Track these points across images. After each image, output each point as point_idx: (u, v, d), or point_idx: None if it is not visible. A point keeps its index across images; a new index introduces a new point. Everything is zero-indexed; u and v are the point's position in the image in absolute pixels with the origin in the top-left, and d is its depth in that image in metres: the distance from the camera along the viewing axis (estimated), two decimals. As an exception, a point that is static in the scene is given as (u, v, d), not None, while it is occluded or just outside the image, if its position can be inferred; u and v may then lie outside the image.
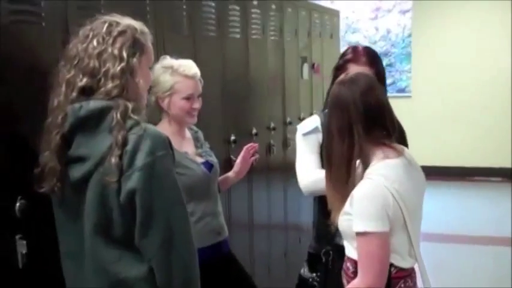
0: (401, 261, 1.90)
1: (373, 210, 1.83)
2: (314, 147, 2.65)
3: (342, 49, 7.81)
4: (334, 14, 5.96)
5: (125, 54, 1.81)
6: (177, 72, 2.61)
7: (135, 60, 1.83)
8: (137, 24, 1.91)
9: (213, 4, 3.37)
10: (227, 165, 3.49)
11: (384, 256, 1.84)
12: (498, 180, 8.06)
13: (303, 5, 4.96)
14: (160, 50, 2.80)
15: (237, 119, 3.70)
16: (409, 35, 9.12)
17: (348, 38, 9.14)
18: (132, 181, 1.73)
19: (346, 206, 1.92)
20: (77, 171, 1.79)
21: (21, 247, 1.93)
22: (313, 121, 2.69)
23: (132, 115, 1.78)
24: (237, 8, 3.67)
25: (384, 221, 1.83)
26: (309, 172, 2.60)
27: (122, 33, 1.84)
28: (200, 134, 2.84)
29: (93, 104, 1.77)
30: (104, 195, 1.76)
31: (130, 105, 1.79)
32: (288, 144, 4.48)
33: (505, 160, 8.09)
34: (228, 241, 2.81)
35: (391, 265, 1.88)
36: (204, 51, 3.22)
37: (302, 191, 2.66)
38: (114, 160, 1.72)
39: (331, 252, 2.54)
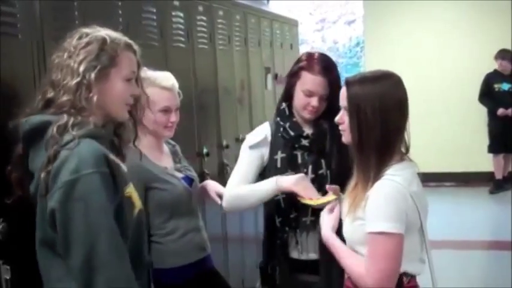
0: (410, 267, 1.86)
1: (392, 211, 1.79)
2: (254, 161, 2.54)
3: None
4: (293, 23, 5.97)
5: (81, 68, 1.76)
6: (154, 84, 2.52)
7: (92, 75, 1.76)
8: (111, 35, 1.83)
9: (182, 14, 3.30)
10: (201, 178, 3.42)
11: (397, 259, 1.79)
12: (452, 184, 8.20)
13: (264, 15, 4.94)
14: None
15: (209, 131, 3.63)
16: (356, 45, 9.24)
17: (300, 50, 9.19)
18: (53, 200, 1.65)
19: (359, 211, 1.87)
20: (31, 186, 1.75)
21: (5, 272, 1.83)
22: (262, 131, 2.59)
23: (71, 130, 1.71)
24: (204, 18, 3.61)
25: (402, 223, 1.79)
26: (234, 186, 2.53)
27: (87, 45, 1.79)
28: (178, 148, 2.76)
29: (36, 118, 1.74)
30: (43, 211, 1.70)
31: (71, 120, 1.73)
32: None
33: (456, 164, 8.25)
34: (211, 256, 2.73)
35: (404, 274, 1.84)
36: (174, 62, 3.15)
37: (223, 205, 2.58)
38: (43, 176, 1.67)
39: (277, 267, 2.51)
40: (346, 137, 1.97)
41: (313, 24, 9.49)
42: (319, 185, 2.39)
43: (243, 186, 2.50)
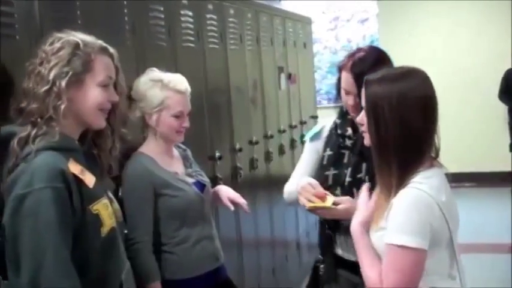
0: (440, 283, 1.72)
1: (415, 223, 1.65)
2: (311, 155, 2.50)
3: (316, 58, 7.68)
4: (307, 22, 5.83)
5: (51, 75, 1.70)
6: (168, 87, 2.40)
7: (63, 82, 1.69)
8: (84, 39, 1.76)
9: (191, 13, 3.18)
10: (213, 184, 3.29)
11: (415, 274, 1.65)
12: (472, 185, 8.00)
13: (277, 13, 4.81)
14: (140, 63, 2.59)
15: (221, 134, 3.51)
16: (370, 43, 9.08)
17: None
18: (5, 214, 1.61)
19: (381, 221, 1.73)
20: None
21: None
22: (322, 124, 2.54)
23: (32, 142, 1.66)
24: (215, 17, 3.49)
25: (425, 237, 1.65)
26: (291, 181, 2.50)
27: (58, 50, 1.72)
28: (189, 153, 2.63)
29: (4, 130, 1.71)
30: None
31: (33, 131, 1.68)
32: (270, 158, 4.30)
33: (476, 164, 8.05)
34: (224, 266, 2.60)
35: None
36: (184, 62, 3.03)
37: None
38: (1, 189, 1.64)
39: (321, 264, 2.46)
40: (366, 140, 1.84)
41: (326, 22, 9.33)
42: (358, 190, 2.24)
43: (296, 182, 2.42)
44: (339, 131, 2.42)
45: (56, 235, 1.59)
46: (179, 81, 2.43)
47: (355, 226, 1.85)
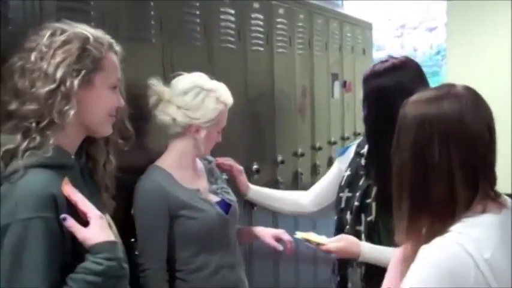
0: None
1: (430, 281, 1.28)
2: (332, 174, 2.36)
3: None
4: (367, 26, 5.46)
5: (59, 73, 1.41)
6: (221, 100, 2.14)
7: (75, 81, 1.42)
8: (92, 32, 1.49)
9: (233, 12, 2.88)
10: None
11: None
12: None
13: (334, 16, 4.47)
14: (168, 66, 2.31)
15: (260, 144, 3.21)
16: (437, 53, 8.64)
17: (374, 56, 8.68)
18: None
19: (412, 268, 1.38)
20: None
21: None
22: (353, 143, 2.34)
23: (20, 156, 1.37)
24: (261, 16, 3.18)
25: None
26: (304, 194, 2.46)
27: (64, 44, 1.44)
28: (214, 165, 2.33)
29: None
30: None
31: (24, 143, 1.38)
32: (317, 171, 3.95)
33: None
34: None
35: None
36: (221, 65, 2.73)
37: None
38: None
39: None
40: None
41: (391, 29, 8.94)
42: (366, 216, 2.06)
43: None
44: (357, 149, 2.21)
45: (42, 281, 1.30)
46: (228, 94, 2.18)
47: None
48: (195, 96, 2.12)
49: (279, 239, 2.28)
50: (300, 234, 2.09)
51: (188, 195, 2.12)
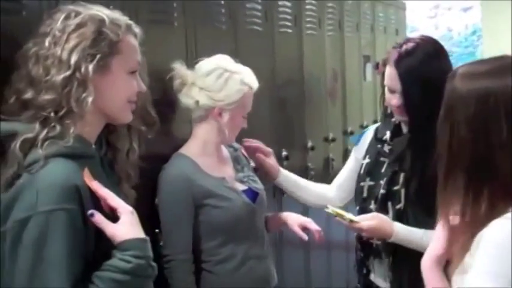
0: None
1: (506, 264, 1.21)
2: (350, 162, 2.28)
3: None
4: (400, 6, 5.31)
5: (74, 59, 1.33)
6: (245, 82, 2.05)
7: (90, 67, 1.34)
8: (108, 14, 1.41)
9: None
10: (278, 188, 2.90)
11: None
12: None
13: (365, -4, 4.33)
14: (191, 48, 2.23)
15: (289, 130, 3.12)
16: (473, 33, 8.39)
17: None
18: (3, 244, 1.26)
19: (467, 257, 1.29)
20: None
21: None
22: (367, 129, 2.26)
23: (40, 146, 1.30)
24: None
25: None
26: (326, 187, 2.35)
27: (78, 27, 1.36)
28: (241, 153, 2.25)
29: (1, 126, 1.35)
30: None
31: (43, 132, 1.31)
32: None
33: None
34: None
35: None
36: (248, 49, 2.64)
37: None
38: None
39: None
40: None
41: (426, 10, 8.72)
42: (393, 204, 1.99)
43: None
44: (378, 135, 2.10)
45: (63, 278, 1.23)
46: (253, 78, 2.10)
47: (425, 263, 1.43)
48: (218, 78, 2.04)
49: (305, 228, 2.18)
50: (331, 208, 2.00)
51: (213, 184, 2.04)
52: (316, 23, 3.42)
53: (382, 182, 2.03)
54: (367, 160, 2.12)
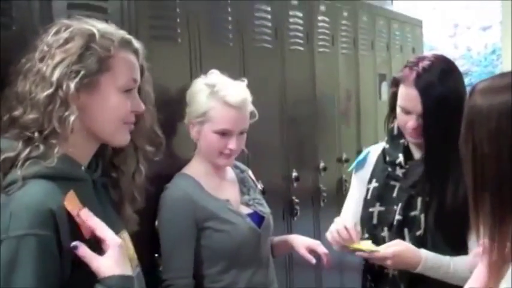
0: None
1: None
2: (357, 189, 2.07)
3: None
4: (417, 24, 5.22)
5: (55, 75, 1.26)
6: (217, 95, 1.94)
7: (72, 84, 1.26)
8: (101, 28, 1.33)
9: (269, 9, 2.71)
10: (288, 208, 2.81)
11: None
12: None
13: (380, 13, 4.26)
14: (196, 66, 2.15)
15: (300, 150, 3.02)
16: (492, 52, 8.26)
17: (425, 57, 8.37)
18: None
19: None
20: None
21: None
22: (367, 150, 2.11)
23: (20, 167, 1.23)
24: (300, 14, 2.99)
25: None
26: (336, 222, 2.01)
27: (66, 42, 1.29)
28: (248, 175, 2.15)
29: None
30: None
31: (25, 151, 1.24)
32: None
33: None
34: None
35: None
36: (256, 66, 2.56)
37: None
38: None
39: None
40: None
41: (445, 29, 8.61)
42: (409, 231, 1.86)
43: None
44: (388, 158, 1.96)
45: None
46: (234, 91, 1.95)
47: None
48: (193, 91, 1.98)
49: (313, 251, 2.07)
50: (350, 246, 1.86)
51: (217, 206, 1.95)
52: (329, 41, 3.33)
53: (397, 208, 1.90)
54: (374, 184, 1.98)
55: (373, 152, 2.05)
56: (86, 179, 1.34)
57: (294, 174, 2.85)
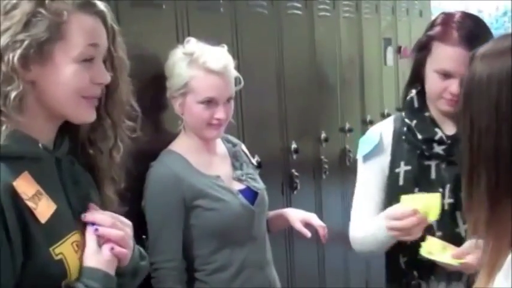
0: None
1: None
2: (374, 177, 1.81)
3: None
4: (424, -15, 5.02)
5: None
6: (197, 63, 1.82)
7: (15, 57, 1.13)
8: None
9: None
10: (287, 182, 2.69)
11: None
12: None
13: (384, -26, 4.07)
14: (182, 35, 2.02)
15: (300, 120, 2.89)
16: (504, 14, 8.06)
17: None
18: None
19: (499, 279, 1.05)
20: None
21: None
22: (376, 132, 1.84)
23: None
24: (298, -25, 2.85)
25: None
26: (359, 221, 1.81)
27: (12, 8, 1.15)
28: (240, 149, 2.03)
29: None
30: None
31: None
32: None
33: None
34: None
35: None
36: (250, 34, 2.43)
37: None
38: None
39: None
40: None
41: (455, -9, 8.40)
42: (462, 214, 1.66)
43: (361, 226, 1.79)
44: (421, 135, 1.75)
45: None
46: (214, 57, 1.83)
47: None
48: (170, 63, 1.87)
49: (309, 224, 1.96)
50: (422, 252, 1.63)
51: (206, 183, 1.83)
52: (330, 4, 3.19)
53: (444, 190, 1.69)
54: (405, 168, 1.76)
55: (385, 131, 1.82)
56: (44, 157, 1.21)
57: (293, 146, 2.73)
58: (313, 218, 1.97)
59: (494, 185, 1.06)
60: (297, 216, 2.00)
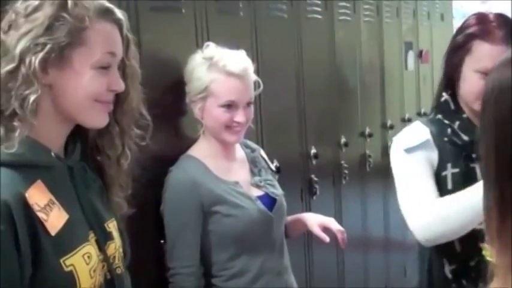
0: None
1: None
2: (426, 167, 1.71)
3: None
4: (446, -10, 4.97)
5: (18, 48, 1.11)
6: (217, 67, 1.81)
7: (36, 60, 1.11)
8: None
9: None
10: (306, 187, 2.67)
11: None
12: None
13: (406, -22, 4.03)
14: (202, 40, 2.01)
15: (319, 125, 2.86)
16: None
17: (455, 24, 8.07)
18: None
19: None
20: None
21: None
22: (420, 132, 1.75)
23: None
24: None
25: None
26: (427, 203, 1.66)
27: (34, 11, 1.14)
28: (259, 154, 2.01)
29: None
30: None
31: None
32: (389, 153, 3.57)
33: None
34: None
35: None
36: (270, 38, 2.41)
37: (419, 238, 1.66)
38: None
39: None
40: None
41: (477, -4, 8.29)
42: None
43: (440, 204, 1.65)
44: (465, 138, 1.70)
45: None
46: (234, 60, 1.82)
47: None
48: (190, 68, 1.87)
49: (327, 229, 1.94)
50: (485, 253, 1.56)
51: (224, 188, 1.82)
52: (350, 8, 3.16)
53: None
54: (452, 170, 1.71)
55: (424, 133, 1.74)
56: (56, 165, 1.20)
57: (313, 150, 2.70)
58: (332, 223, 1.95)
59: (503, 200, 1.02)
60: (315, 220, 1.98)
